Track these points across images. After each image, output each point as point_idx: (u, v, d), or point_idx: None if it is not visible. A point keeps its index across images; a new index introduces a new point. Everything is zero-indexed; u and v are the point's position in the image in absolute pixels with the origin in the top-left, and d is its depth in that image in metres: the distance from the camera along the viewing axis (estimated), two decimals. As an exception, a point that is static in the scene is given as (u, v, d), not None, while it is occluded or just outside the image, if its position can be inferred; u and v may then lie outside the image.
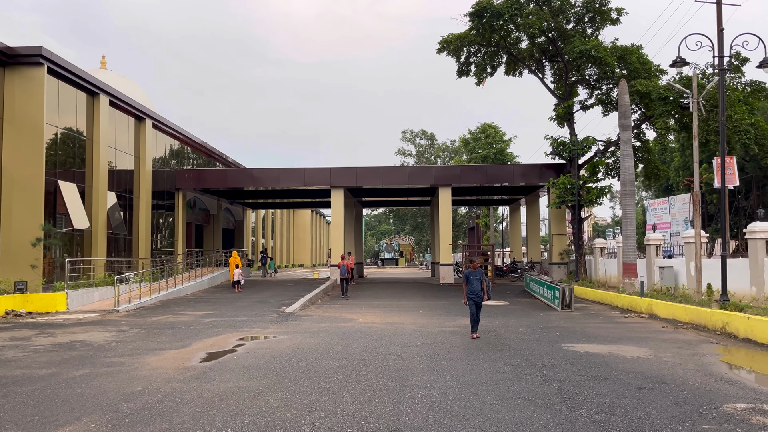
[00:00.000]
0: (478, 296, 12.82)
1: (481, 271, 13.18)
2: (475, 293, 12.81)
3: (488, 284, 13.08)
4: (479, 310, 12.97)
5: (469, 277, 12.96)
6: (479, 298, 12.85)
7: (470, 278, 12.92)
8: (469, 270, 13.19)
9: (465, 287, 12.99)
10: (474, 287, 12.82)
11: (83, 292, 20.24)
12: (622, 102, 22.32)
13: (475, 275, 12.91)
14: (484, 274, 13.74)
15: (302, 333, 13.86)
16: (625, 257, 21.91)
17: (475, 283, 12.85)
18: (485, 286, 13.02)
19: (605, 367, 9.63)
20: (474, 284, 12.84)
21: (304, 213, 72.44)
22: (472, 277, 12.92)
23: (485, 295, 12.97)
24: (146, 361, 10.24)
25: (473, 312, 12.92)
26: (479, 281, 12.89)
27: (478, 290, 12.83)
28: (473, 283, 12.85)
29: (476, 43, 29.99)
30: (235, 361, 10.22)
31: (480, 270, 13.15)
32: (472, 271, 13.05)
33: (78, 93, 23.08)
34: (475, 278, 12.87)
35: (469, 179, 31.74)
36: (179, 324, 15.60)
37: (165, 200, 31.36)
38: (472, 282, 12.87)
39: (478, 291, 12.82)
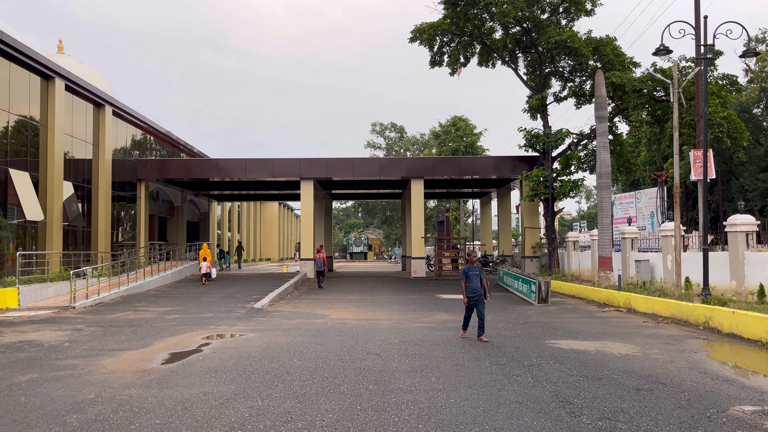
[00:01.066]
0: (478, 294, 11.57)
1: (480, 266, 11.86)
2: (475, 290, 11.55)
3: (487, 283, 11.95)
4: (482, 309, 11.63)
5: (467, 273, 11.65)
6: (479, 296, 11.59)
7: (469, 274, 11.63)
8: (467, 265, 11.85)
9: (464, 284, 11.64)
10: (473, 284, 11.56)
11: (37, 288, 19.04)
12: (599, 93, 22.02)
13: (474, 270, 11.64)
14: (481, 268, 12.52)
15: (272, 331, 13.08)
16: (600, 250, 21.66)
17: (474, 279, 11.60)
18: (485, 283, 11.80)
19: (596, 365, 9.14)
20: (473, 281, 11.58)
21: (271, 206, 71.12)
22: (471, 272, 11.64)
23: (486, 293, 11.75)
24: (102, 364, 9.35)
25: (468, 313, 11.76)
26: (478, 277, 11.65)
27: (477, 287, 11.57)
28: (472, 280, 11.59)
29: (450, 33, 29.43)
30: (200, 362, 9.41)
31: (479, 265, 11.85)
32: (470, 266, 11.72)
33: (31, 76, 21.69)
34: (473, 274, 11.62)
35: (442, 171, 31.22)
36: (140, 321, 14.65)
37: (126, 191, 30.03)
38: (471, 278, 11.61)
39: (477, 288, 11.57)
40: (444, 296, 21.66)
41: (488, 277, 32.32)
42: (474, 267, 11.71)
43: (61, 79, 23.11)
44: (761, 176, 46.24)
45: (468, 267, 11.78)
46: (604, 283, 21.02)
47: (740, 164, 47.22)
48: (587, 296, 20.40)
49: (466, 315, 11.80)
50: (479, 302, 11.57)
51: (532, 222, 31.60)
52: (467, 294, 11.62)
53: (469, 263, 11.88)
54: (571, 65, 29.08)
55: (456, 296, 21.54)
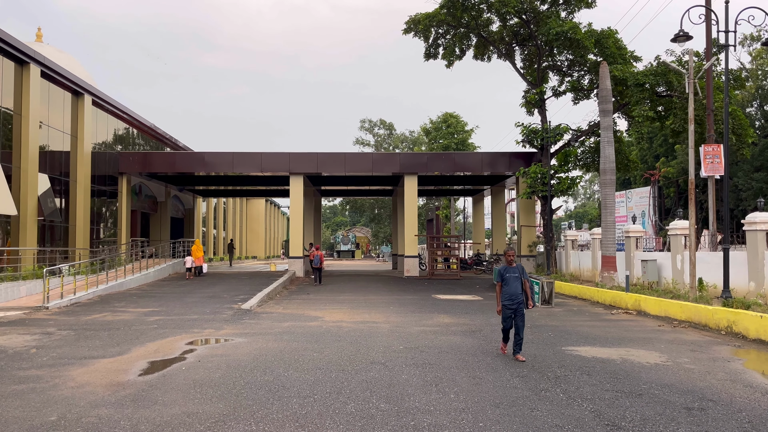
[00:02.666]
0: (518, 301, 9.37)
1: (522, 267, 9.68)
2: (513, 297, 9.37)
3: (532, 286, 10.17)
4: (521, 320, 9.44)
5: (504, 276, 9.49)
6: (519, 304, 9.37)
7: (506, 276, 9.46)
8: (503, 266, 9.71)
9: (499, 290, 9.54)
10: (511, 289, 9.40)
11: (7, 287, 17.78)
12: (603, 86, 21.15)
13: (512, 272, 9.47)
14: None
15: (263, 335, 11.99)
16: (604, 250, 20.80)
17: (513, 283, 9.42)
18: (528, 287, 9.60)
19: (628, 378, 8.18)
20: (511, 285, 9.42)
21: (258, 203, 69.77)
22: (509, 274, 9.46)
23: (529, 299, 9.54)
24: (70, 375, 8.22)
25: (507, 325, 9.51)
26: (519, 280, 9.45)
27: (518, 293, 9.39)
28: (510, 284, 9.42)
29: (446, 24, 28.45)
30: (183, 373, 8.32)
31: (520, 266, 9.69)
32: (507, 267, 9.58)
33: (4, 60, 20.35)
34: (512, 276, 9.45)
35: (436, 167, 30.24)
36: (118, 324, 13.48)
37: (107, 185, 28.70)
38: (509, 282, 9.43)
39: (518, 294, 9.38)
40: (441, 297, 20.67)
41: (482, 277, 31.78)
42: (513, 268, 9.55)
43: (37, 65, 21.77)
44: (755, 176, 45.82)
45: (504, 268, 9.64)
46: (608, 283, 20.17)
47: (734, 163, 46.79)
48: (591, 297, 19.53)
49: (505, 327, 9.61)
50: (518, 312, 9.43)
51: (529, 220, 30.73)
52: (503, 301, 9.48)
53: (506, 263, 9.75)
54: (570, 59, 28.27)
55: (453, 297, 20.58)
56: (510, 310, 9.40)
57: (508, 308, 9.40)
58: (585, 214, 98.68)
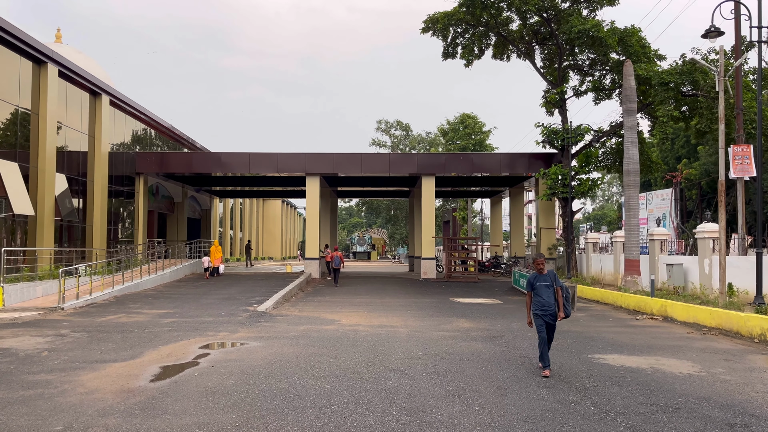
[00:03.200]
0: (551, 312, 8.55)
1: (554, 274, 8.83)
2: (545, 308, 8.56)
3: (567, 293, 8.83)
4: (552, 333, 8.69)
5: (534, 284, 8.73)
6: (552, 316, 8.56)
7: (536, 285, 8.71)
8: (532, 273, 8.92)
9: (529, 300, 8.81)
10: (543, 299, 8.60)
11: (24, 287, 17.70)
12: (627, 84, 20.60)
13: (544, 281, 8.68)
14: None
15: (278, 338, 11.70)
16: (627, 253, 20.25)
17: (545, 292, 8.62)
18: (561, 297, 8.70)
19: (661, 389, 7.74)
20: (542, 294, 8.62)
21: (274, 203, 69.73)
22: (539, 283, 8.70)
23: (560, 310, 8.66)
24: (80, 380, 7.98)
25: (544, 336, 8.62)
26: (551, 289, 8.64)
27: (550, 303, 8.56)
28: (542, 293, 8.63)
29: (464, 23, 28.02)
30: (195, 380, 8.04)
31: (552, 273, 8.83)
32: (537, 275, 8.78)
33: (22, 60, 20.33)
34: (543, 285, 8.66)
35: (454, 168, 29.81)
36: (132, 326, 13.28)
37: (124, 186, 28.68)
38: (540, 291, 8.65)
39: (550, 304, 8.56)
40: (459, 300, 20.26)
41: (500, 280, 31.23)
42: (544, 276, 8.72)
43: (55, 65, 21.74)
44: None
45: (534, 276, 8.83)
46: (632, 287, 19.63)
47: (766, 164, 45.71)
48: (614, 302, 19.00)
49: (542, 340, 8.60)
50: (550, 324, 8.64)
51: (548, 222, 30.19)
52: (535, 310, 8.64)
53: (536, 271, 8.89)
54: (591, 58, 27.70)
55: (472, 300, 20.17)
56: (542, 321, 8.60)
57: (540, 317, 8.62)
58: (603, 216, 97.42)
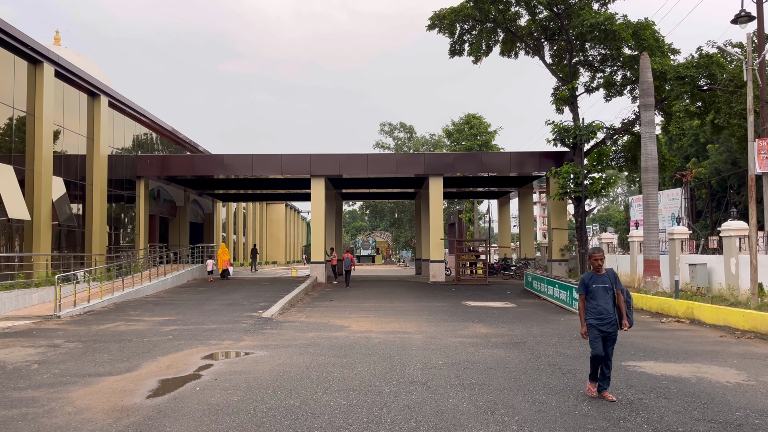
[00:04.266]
0: (610, 321, 6.94)
1: (614, 274, 7.17)
2: (602, 316, 6.93)
3: (629, 298, 7.16)
4: (611, 346, 7.03)
5: (589, 286, 7.07)
6: (612, 325, 6.95)
7: (591, 287, 7.04)
8: (588, 273, 7.21)
9: (582, 305, 7.14)
10: (601, 303, 6.96)
11: (19, 294, 16.97)
12: (644, 78, 19.83)
13: (602, 282, 7.01)
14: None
15: (286, 347, 10.94)
16: (646, 253, 19.47)
17: (602, 296, 6.96)
18: (623, 302, 7.04)
19: (713, 402, 6.96)
20: (600, 298, 6.97)
21: (277, 207, 69.08)
22: (596, 285, 7.02)
23: (624, 318, 7.00)
24: (70, 398, 7.23)
25: (597, 350, 6.92)
26: (610, 293, 7.00)
27: (609, 310, 6.93)
28: (599, 297, 6.98)
29: (472, 18, 27.28)
30: (196, 395, 7.28)
31: (612, 272, 7.16)
32: (593, 274, 7.12)
33: (17, 59, 19.65)
34: (601, 287, 7.00)
35: (462, 168, 29.04)
36: (130, 334, 12.53)
37: (124, 189, 27.98)
38: (597, 294, 6.99)
39: (609, 311, 6.93)
40: (471, 303, 19.49)
41: (511, 282, 30.40)
42: (602, 276, 7.06)
43: (51, 65, 21.06)
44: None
45: (590, 275, 7.14)
46: (652, 289, 18.84)
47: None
48: (634, 304, 18.20)
49: (595, 353, 6.95)
50: (608, 337, 6.99)
51: (560, 223, 29.38)
52: (590, 319, 7.01)
53: (593, 269, 7.17)
54: (603, 54, 26.95)
55: (485, 304, 19.39)
56: (599, 331, 6.93)
57: (597, 328, 6.94)
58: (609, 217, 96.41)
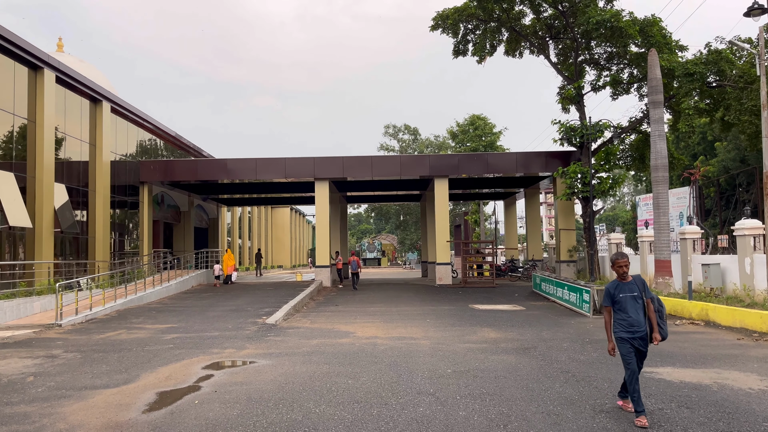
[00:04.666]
0: (641, 334, 6.30)
1: (643, 281, 6.50)
2: (633, 329, 6.30)
3: (660, 308, 6.52)
4: (642, 360, 6.45)
5: (615, 296, 6.45)
6: (642, 340, 6.33)
7: (619, 297, 6.41)
8: (612, 282, 6.58)
9: (609, 317, 6.57)
10: (630, 314, 6.33)
11: (20, 303, 16.73)
12: (653, 75, 19.45)
13: (629, 290, 6.38)
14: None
15: (289, 355, 10.63)
16: (657, 253, 19.06)
17: (631, 306, 6.33)
18: (653, 312, 6.38)
19: (738, 412, 6.60)
20: (629, 308, 6.34)
21: (282, 211, 68.83)
22: (623, 294, 6.39)
23: (656, 330, 6.34)
24: (63, 413, 6.94)
25: (631, 363, 6.31)
26: (640, 302, 6.36)
27: (639, 321, 6.30)
28: (627, 307, 6.35)
29: (476, 18, 26.98)
30: (195, 409, 6.97)
31: (640, 279, 6.49)
32: (618, 283, 6.50)
33: (17, 65, 19.45)
34: (629, 296, 6.36)
35: (468, 169, 28.69)
36: (131, 343, 12.25)
37: (128, 195, 27.76)
38: (625, 304, 6.36)
39: (640, 323, 6.30)
40: (479, 307, 19.12)
41: (518, 284, 29.99)
42: (629, 284, 6.43)
43: (52, 70, 20.86)
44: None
45: (615, 284, 6.52)
46: (664, 290, 18.42)
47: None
48: (646, 306, 17.80)
49: (631, 372, 6.29)
50: (641, 349, 6.38)
51: (567, 223, 28.98)
52: (619, 332, 6.37)
53: (617, 277, 6.56)
54: (609, 52, 26.59)
55: (493, 307, 19.01)
56: (629, 345, 6.30)
57: (628, 342, 6.30)
58: (616, 217, 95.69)
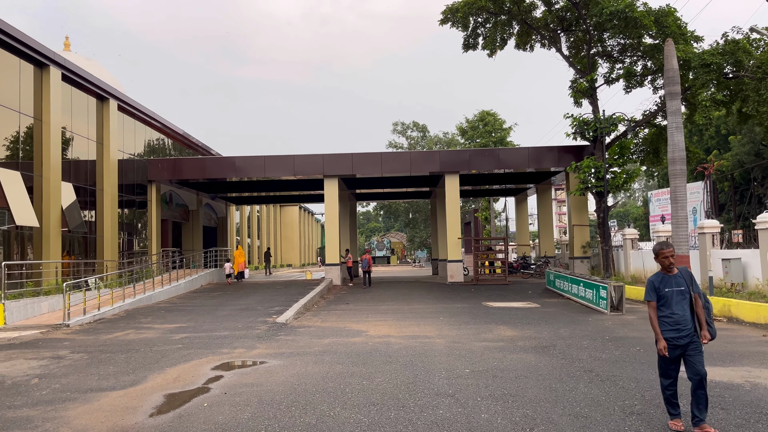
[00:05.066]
0: (688, 332, 5.59)
1: (690, 274, 5.83)
2: (679, 327, 5.59)
3: (707, 304, 5.81)
4: (699, 360, 5.57)
5: (660, 291, 5.72)
6: (691, 337, 5.59)
7: (663, 292, 5.69)
8: (656, 275, 5.84)
9: (655, 314, 5.74)
10: (676, 311, 5.61)
11: (27, 303, 16.53)
12: (669, 66, 18.96)
13: (676, 284, 5.68)
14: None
15: (301, 355, 10.32)
16: (675, 248, 18.58)
17: (678, 302, 5.63)
18: (700, 308, 5.68)
19: (778, 412, 6.23)
20: (675, 305, 5.63)
21: (291, 210, 68.65)
22: (669, 288, 5.68)
23: (704, 328, 5.62)
24: (67, 416, 6.66)
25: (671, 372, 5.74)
26: (688, 297, 5.66)
27: (686, 318, 5.61)
28: (672, 303, 5.64)
29: (486, 11, 26.54)
30: (203, 412, 6.67)
31: (686, 271, 5.81)
32: (665, 276, 5.76)
33: (22, 63, 19.26)
34: (675, 291, 5.66)
35: (478, 165, 28.28)
36: (139, 343, 11.99)
37: (136, 194, 27.58)
38: (671, 300, 5.65)
39: (686, 320, 5.60)
40: (493, 304, 18.75)
41: (531, 281, 29.57)
42: (675, 277, 5.72)
43: (57, 68, 20.66)
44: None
45: (660, 277, 5.79)
46: (683, 286, 17.96)
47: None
48: (664, 302, 17.36)
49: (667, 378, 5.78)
50: (690, 350, 5.60)
51: (581, 219, 28.51)
52: (666, 332, 5.63)
53: (662, 269, 5.83)
54: (622, 44, 26.10)
55: (507, 304, 18.63)
56: (676, 346, 5.61)
57: (670, 343, 5.62)
58: (627, 213, 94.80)
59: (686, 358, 5.66)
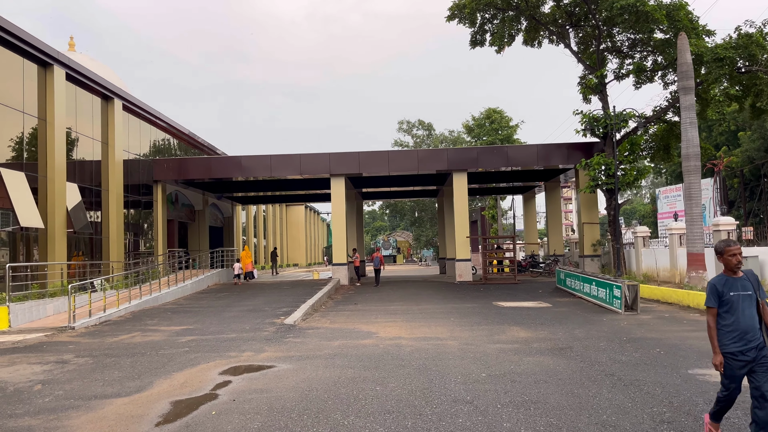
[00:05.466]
0: (758, 344, 4.89)
1: (756, 277, 5.15)
2: (748, 337, 4.88)
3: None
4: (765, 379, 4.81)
5: (723, 295, 5.00)
6: (761, 349, 4.88)
7: (728, 297, 4.98)
8: (719, 277, 5.13)
9: (713, 322, 5.05)
10: (743, 318, 4.90)
11: (32, 305, 16.32)
12: (683, 60, 18.62)
13: (743, 287, 4.97)
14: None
15: (311, 358, 10.04)
16: (690, 246, 18.25)
17: (745, 307, 4.92)
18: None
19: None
20: (741, 311, 4.92)
21: (297, 209, 68.50)
22: (734, 292, 4.96)
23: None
24: (69, 426, 6.40)
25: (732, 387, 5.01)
26: (753, 301, 4.97)
27: (754, 327, 4.91)
28: (738, 309, 4.93)
29: (493, 7, 26.21)
30: (212, 422, 6.39)
31: (752, 274, 5.13)
32: (728, 278, 5.04)
33: (26, 62, 19.05)
34: (742, 295, 4.94)
35: (487, 163, 27.94)
36: (145, 347, 11.74)
37: (141, 194, 27.38)
38: (737, 306, 4.94)
39: (755, 329, 4.90)
40: (503, 304, 18.43)
41: (540, 280, 29.20)
42: (740, 279, 5.02)
43: (61, 67, 20.46)
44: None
45: (723, 279, 5.07)
46: (698, 284, 17.63)
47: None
48: (678, 301, 17.01)
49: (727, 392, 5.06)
50: (756, 364, 4.87)
51: (591, 216, 28.14)
52: (728, 343, 4.94)
53: (726, 270, 5.12)
54: (631, 39, 25.74)
55: (518, 304, 18.30)
56: (742, 362, 4.87)
57: (736, 358, 4.89)
58: (634, 210, 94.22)
59: (750, 375, 4.89)
